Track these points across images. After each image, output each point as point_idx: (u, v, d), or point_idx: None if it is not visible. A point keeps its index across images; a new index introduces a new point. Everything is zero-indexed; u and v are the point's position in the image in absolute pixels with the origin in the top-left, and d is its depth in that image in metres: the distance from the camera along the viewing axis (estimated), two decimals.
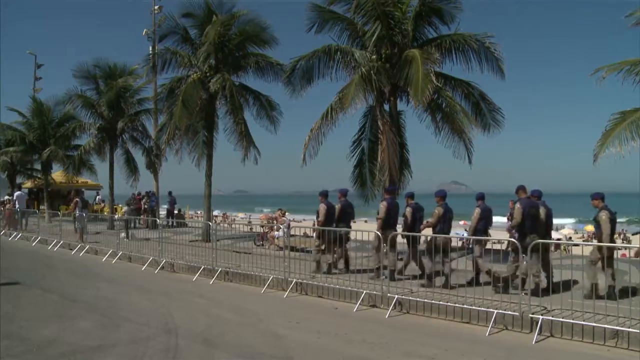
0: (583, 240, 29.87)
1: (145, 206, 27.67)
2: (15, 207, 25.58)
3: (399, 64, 14.62)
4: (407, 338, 8.03)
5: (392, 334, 8.28)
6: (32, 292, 11.61)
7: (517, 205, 10.12)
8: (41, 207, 31.25)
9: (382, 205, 11.97)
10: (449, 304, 9.09)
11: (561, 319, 7.98)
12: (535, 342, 7.73)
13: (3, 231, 24.74)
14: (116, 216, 25.57)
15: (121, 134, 26.22)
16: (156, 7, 30.55)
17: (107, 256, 16.64)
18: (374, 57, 15.28)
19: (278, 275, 11.83)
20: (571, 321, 7.88)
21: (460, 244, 15.89)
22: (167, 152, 22.71)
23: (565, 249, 21.61)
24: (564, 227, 48.96)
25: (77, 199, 24.06)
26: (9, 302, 10.50)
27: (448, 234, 11.31)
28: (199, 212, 35.77)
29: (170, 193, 28.02)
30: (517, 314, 8.31)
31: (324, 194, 12.98)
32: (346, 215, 12.76)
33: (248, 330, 8.52)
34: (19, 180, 35.68)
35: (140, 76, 25.26)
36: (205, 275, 13.17)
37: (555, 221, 14.19)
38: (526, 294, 8.49)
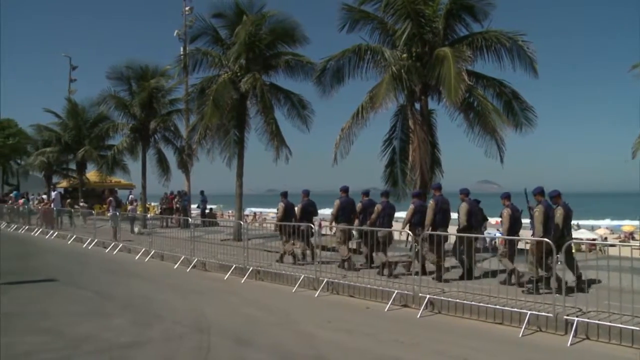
0: (620, 241, 29.21)
1: (177, 205, 28.01)
2: (51, 206, 26.20)
3: (430, 63, 14.55)
4: (439, 338, 8.00)
5: (424, 334, 8.26)
6: (68, 289, 11.89)
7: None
8: (76, 206, 31.92)
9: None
10: (481, 304, 9.01)
11: (597, 321, 7.82)
12: (571, 344, 7.59)
13: (40, 229, 25.33)
14: (149, 215, 26.00)
15: (153, 134, 26.61)
16: (187, 9, 30.93)
17: (139, 254, 16.92)
18: (405, 55, 15.23)
19: (309, 275, 11.87)
20: (608, 324, 7.72)
21: (494, 243, 15.68)
22: (198, 151, 22.93)
23: (601, 250, 21.24)
24: (599, 227, 47.94)
25: (111, 198, 24.56)
26: (47, 298, 10.81)
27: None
28: (230, 212, 36.03)
29: (202, 192, 28.33)
30: (551, 315, 8.18)
31: (284, 194, 14.67)
32: (307, 214, 14.01)
33: (280, 329, 8.57)
34: (55, 179, 36.57)
35: (171, 77, 25.63)
36: (236, 274, 13.27)
37: (591, 222, 13.97)
38: (550, 293, 8.37)
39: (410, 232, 11.16)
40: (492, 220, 38.56)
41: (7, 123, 43.56)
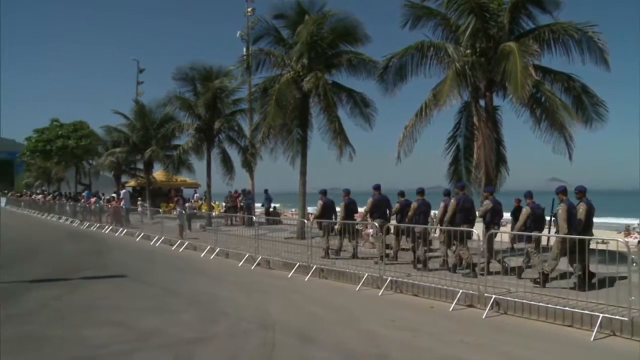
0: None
1: (242, 204, 28.51)
2: (121, 204, 27.23)
3: (495, 58, 14.23)
4: (505, 339, 7.85)
5: (489, 334, 8.14)
6: (137, 285, 12.41)
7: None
8: (144, 204, 33.00)
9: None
10: (549, 305, 8.77)
11: None
12: None
13: (110, 227, 26.37)
14: (214, 213, 26.60)
15: (218, 134, 27.18)
16: (249, 10, 31.40)
17: (205, 252, 17.29)
18: (469, 51, 14.97)
19: (373, 273, 11.88)
20: None
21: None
22: (262, 150, 23.28)
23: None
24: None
25: (178, 197, 25.32)
26: (118, 293, 11.34)
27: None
28: (293, 210, 36.37)
29: (266, 191, 28.74)
30: (626, 319, 7.84)
31: (323, 192, 15.63)
32: (350, 211, 15.00)
33: (343, 327, 8.63)
34: (123, 179, 37.94)
35: (235, 77, 26.10)
36: (300, 272, 13.41)
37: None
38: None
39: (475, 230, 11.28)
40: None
41: (80, 125, 45.64)
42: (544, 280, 10.30)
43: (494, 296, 9.47)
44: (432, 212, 15.12)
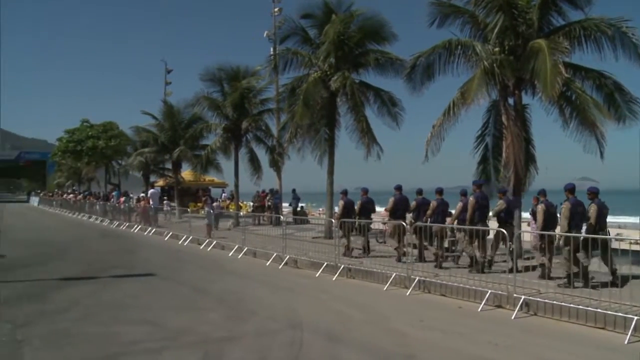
0: None
1: (269, 203, 28.64)
2: (149, 204, 27.60)
3: (524, 56, 14.03)
4: (535, 341, 7.76)
5: (519, 336, 8.06)
6: (166, 284, 12.60)
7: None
8: (172, 204, 33.37)
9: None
10: (580, 307, 8.64)
11: None
12: None
13: (139, 226, 26.76)
14: (241, 213, 26.76)
15: (245, 134, 27.32)
16: (276, 10, 31.58)
17: (233, 251, 17.43)
18: (497, 49, 14.79)
19: (400, 273, 11.85)
20: None
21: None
22: (289, 150, 23.37)
23: None
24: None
25: (206, 197, 25.55)
26: (147, 292, 11.53)
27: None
28: (320, 209, 36.40)
29: (294, 191, 28.82)
30: None
31: (344, 192, 16.19)
32: (366, 210, 15.43)
33: (371, 327, 8.65)
34: (152, 179, 38.42)
35: (262, 77, 26.23)
36: (328, 272, 13.42)
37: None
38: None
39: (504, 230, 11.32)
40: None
41: (110, 125, 46.34)
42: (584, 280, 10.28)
43: (523, 297, 9.36)
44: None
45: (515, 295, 9.49)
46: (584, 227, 10.77)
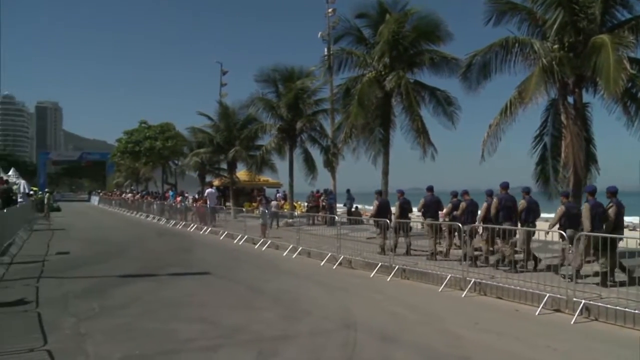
0: None
1: (324, 203, 28.75)
2: (206, 203, 28.19)
3: (585, 52, 13.66)
4: (594, 347, 7.55)
5: (578, 341, 7.85)
6: (221, 282, 12.86)
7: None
8: (227, 203, 33.91)
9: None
10: None
11: None
12: None
13: (195, 225, 27.32)
14: (296, 213, 26.98)
15: (300, 134, 27.58)
16: (330, 10, 31.73)
17: (287, 251, 17.50)
18: (556, 46, 14.44)
19: (456, 275, 11.71)
20: None
21: None
22: (344, 150, 23.46)
23: None
24: None
25: (261, 197, 25.91)
26: (203, 290, 11.80)
27: None
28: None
29: (348, 191, 28.85)
30: None
31: (379, 192, 17.25)
32: (404, 211, 15.71)
33: (425, 328, 8.60)
34: (207, 179, 39.16)
35: (317, 77, 26.47)
36: (382, 273, 13.38)
37: None
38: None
39: (563, 233, 10.83)
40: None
41: (167, 126, 47.46)
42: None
43: (583, 301, 9.09)
44: None
45: (574, 299, 9.22)
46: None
